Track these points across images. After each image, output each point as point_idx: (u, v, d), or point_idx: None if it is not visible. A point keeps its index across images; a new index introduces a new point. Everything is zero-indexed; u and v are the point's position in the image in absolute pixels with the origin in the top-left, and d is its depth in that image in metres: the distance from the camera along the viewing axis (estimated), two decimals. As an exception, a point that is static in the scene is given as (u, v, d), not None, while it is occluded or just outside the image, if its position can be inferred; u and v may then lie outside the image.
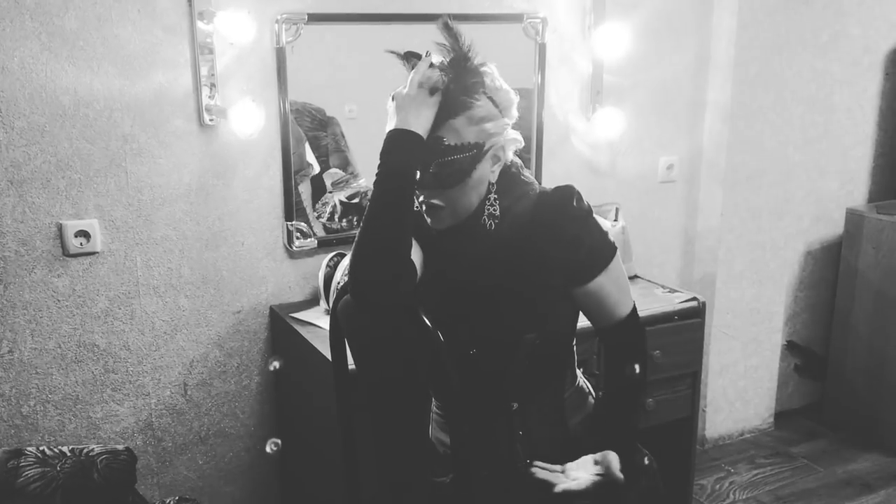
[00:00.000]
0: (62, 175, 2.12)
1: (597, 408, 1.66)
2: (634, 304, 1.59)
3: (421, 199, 1.48)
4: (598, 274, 1.51)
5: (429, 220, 1.50)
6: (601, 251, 1.52)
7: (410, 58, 1.51)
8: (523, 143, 1.54)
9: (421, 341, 1.46)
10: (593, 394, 1.68)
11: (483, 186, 1.48)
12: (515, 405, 1.53)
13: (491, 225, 1.49)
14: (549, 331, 1.54)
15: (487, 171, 1.47)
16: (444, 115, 1.41)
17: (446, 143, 1.42)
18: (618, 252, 1.55)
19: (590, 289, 1.51)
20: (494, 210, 1.49)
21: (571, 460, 1.54)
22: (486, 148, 1.45)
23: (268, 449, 2.22)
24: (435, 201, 1.46)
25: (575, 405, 1.61)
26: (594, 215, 1.54)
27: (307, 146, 2.48)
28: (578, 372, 1.66)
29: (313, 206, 2.50)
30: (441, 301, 1.51)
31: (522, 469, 1.52)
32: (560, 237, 1.48)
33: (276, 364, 2.31)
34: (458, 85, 1.41)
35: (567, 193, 1.50)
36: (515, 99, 1.50)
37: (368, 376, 1.65)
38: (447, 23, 1.42)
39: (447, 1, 2.50)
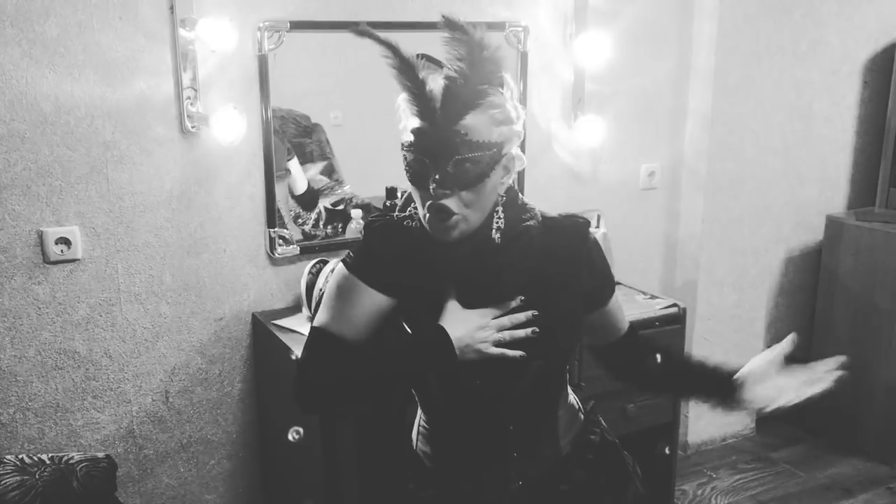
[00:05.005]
0: (43, 182, 2.12)
1: (667, 382, 1.71)
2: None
3: (427, 204, 1.33)
4: (612, 296, 1.55)
5: (435, 231, 1.35)
6: (611, 274, 1.58)
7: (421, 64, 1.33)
8: (525, 163, 1.48)
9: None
10: (582, 409, 1.68)
11: (493, 197, 1.38)
12: (512, 427, 1.49)
13: (498, 238, 1.39)
14: (557, 356, 1.52)
15: (499, 180, 1.36)
16: (463, 107, 1.28)
17: (468, 138, 1.29)
18: None
19: (604, 311, 1.55)
20: (500, 223, 1.41)
21: (562, 479, 1.52)
22: (503, 152, 1.35)
23: (290, 437, 2.19)
24: (447, 203, 1.31)
25: (567, 423, 1.59)
26: None
27: (293, 164, 2.49)
28: (569, 388, 1.66)
29: (295, 219, 2.51)
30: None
31: (514, 490, 1.51)
32: (588, 266, 1.48)
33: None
34: (475, 74, 1.27)
35: (584, 224, 1.50)
36: (524, 114, 1.43)
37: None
38: (448, 18, 1.28)
39: (429, 10, 2.52)
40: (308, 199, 2.51)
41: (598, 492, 1.58)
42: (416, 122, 1.31)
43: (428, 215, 1.34)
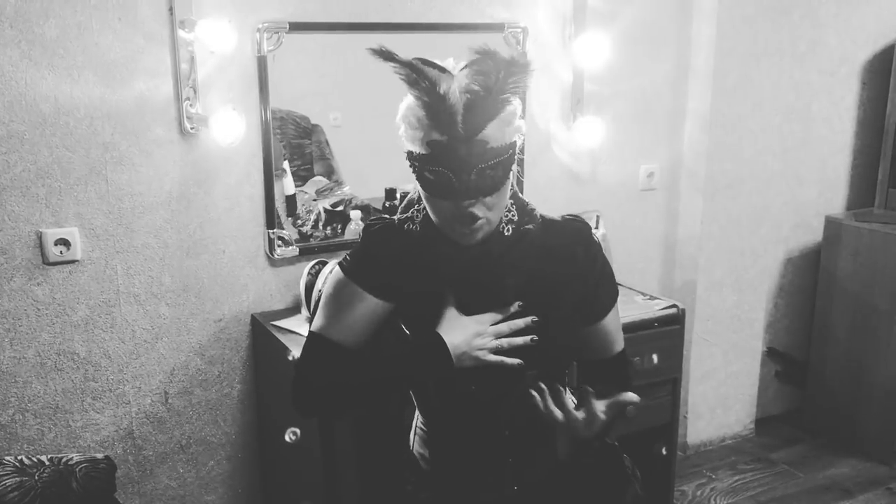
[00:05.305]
0: (42, 183, 2.12)
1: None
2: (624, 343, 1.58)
3: (453, 215, 1.33)
4: (610, 311, 1.51)
5: (461, 237, 1.36)
6: (614, 287, 1.53)
7: (420, 70, 1.28)
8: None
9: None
10: None
11: (508, 193, 1.39)
12: (508, 432, 1.50)
13: (510, 230, 1.40)
14: (555, 364, 1.51)
15: (512, 174, 1.37)
16: (485, 119, 1.28)
17: (490, 146, 1.30)
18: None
19: (599, 326, 1.51)
20: (513, 215, 1.42)
21: (559, 484, 1.53)
22: (517, 147, 1.36)
23: (287, 438, 2.20)
24: (475, 211, 1.32)
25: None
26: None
27: (286, 165, 2.49)
28: (568, 390, 1.65)
29: (293, 220, 2.52)
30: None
31: (510, 494, 1.51)
32: (584, 274, 1.45)
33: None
34: (499, 87, 1.28)
35: (586, 228, 1.48)
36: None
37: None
38: (482, 49, 1.28)
39: (429, 11, 2.52)
40: (290, 204, 2.52)
41: (597, 496, 1.58)
42: (434, 135, 1.29)
43: (454, 225, 1.34)
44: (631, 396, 1.41)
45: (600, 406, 1.41)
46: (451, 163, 1.29)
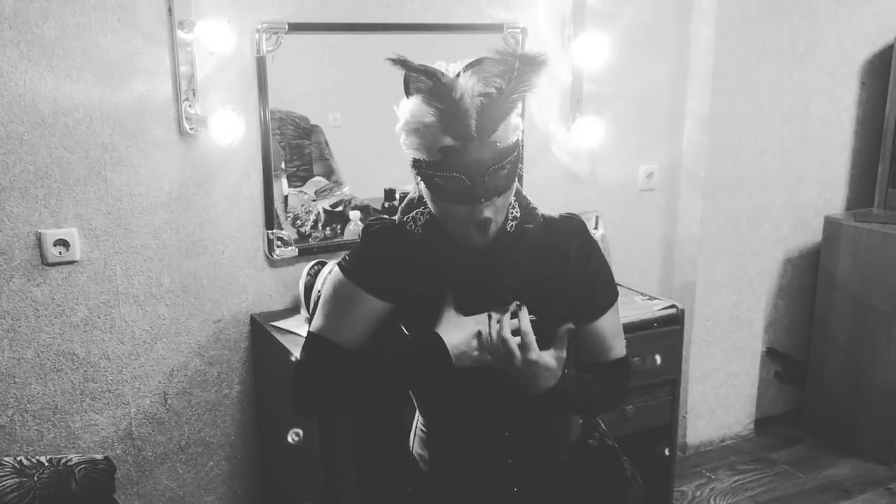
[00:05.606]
0: (41, 184, 2.12)
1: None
2: (626, 351, 1.54)
3: (469, 219, 1.32)
4: (606, 312, 1.48)
5: (474, 241, 1.35)
6: (612, 288, 1.51)
7: (424, 77, 1.27)
8: None
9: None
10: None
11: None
12: (507, 433, 1.49)
13: (512, 227, 1.40)
14: None
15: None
16: (497, 120, 1.28)
17: (499, 146, 1.29)
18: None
19: (594, 327, 1.48)
20: (516, 212, 1.42)
21: (560, 488, 1.53)
22: (519, 145, 1.35)
23: (289, 439, 2.20)
24: (488, 214, 1.31)
25: (565, 428, 1.58)
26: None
27: (283, 165, 2.49)
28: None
29: (292, 220, 2.52)
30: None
31: (508, 493, 1.51)
32: (578, 270, 1.44)
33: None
34: (512, 87, 1.26)
35: (582, 225, 1.47)
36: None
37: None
38: (499, 52, 1.27)
39: (428, 11, 2.52)
40: (284, 204, 2.53)
41: (597, 499, 1.58)
42: (446, 141, 1.27)
43: (469, 229, 1.33)
44: (568, 325, 1.38)
45: (549, 352, 1.38)
46: (465, 167, 1.28)
